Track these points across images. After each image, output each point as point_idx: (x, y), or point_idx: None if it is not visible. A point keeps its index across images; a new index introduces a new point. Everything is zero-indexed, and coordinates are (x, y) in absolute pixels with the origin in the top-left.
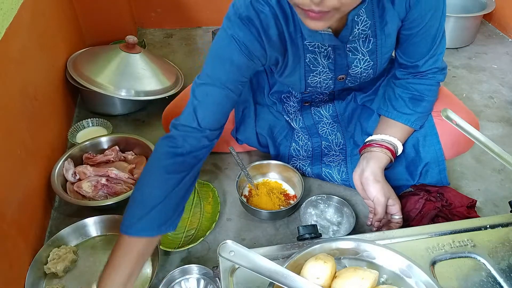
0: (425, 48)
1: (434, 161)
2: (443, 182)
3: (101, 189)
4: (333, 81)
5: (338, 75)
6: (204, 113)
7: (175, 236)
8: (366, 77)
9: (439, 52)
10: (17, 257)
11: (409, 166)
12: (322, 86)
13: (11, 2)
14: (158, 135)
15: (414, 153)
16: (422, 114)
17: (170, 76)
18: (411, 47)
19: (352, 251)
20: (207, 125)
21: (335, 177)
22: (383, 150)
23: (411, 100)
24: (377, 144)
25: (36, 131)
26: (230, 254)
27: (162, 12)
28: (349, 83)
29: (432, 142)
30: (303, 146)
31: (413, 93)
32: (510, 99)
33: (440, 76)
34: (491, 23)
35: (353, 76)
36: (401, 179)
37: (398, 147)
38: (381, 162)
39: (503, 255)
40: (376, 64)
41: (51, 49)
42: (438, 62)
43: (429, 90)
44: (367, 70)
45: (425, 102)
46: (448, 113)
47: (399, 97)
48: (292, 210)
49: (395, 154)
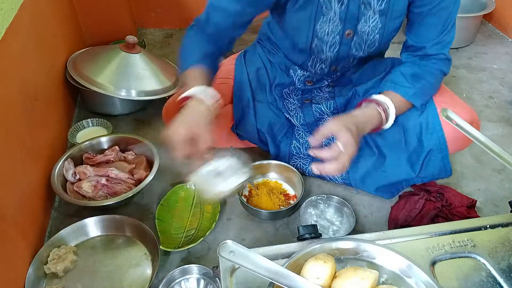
0: (435, 31)
1: (436, 148)
2: (446, 169)
3: (101, 189)
4: (340, 36)
5: (347, 29)
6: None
7: (175, 236)
8: (371, 43)
9: (447, 40)
10: (17, 257)
11: (411, 156)
12: (328, 41)
13: (11, 2)
14: (158, 135)
15: (417, 142)
16: (421, 91)
17: (170, 76)
18: (421, 28)
19: (352, 251)
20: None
21: (335, 176)
22: (371, 104)
23: (411, 76)
24: (367, 101)
25: (36, 131)
26: (230, 254)
27: (162, 12)
28: (354, 48)
29: (435, 129)
30: (304, 144)
31: (414, 70)
32: (510, 99)
33: (444, 66)
34: (491, 23)
35: (360, 36)
36: (402, 172)
37: (390, 109)
38: (367, 115)
39: (503, 255)
40: (384, 29)
41: (51, 49)
42: (445, 49)
43: (431, 73)
44: (374, 33)
45: (425, 81)
46: (448, 113)
47: (400, 73)
48: (292, 210)
49: (386, 114)
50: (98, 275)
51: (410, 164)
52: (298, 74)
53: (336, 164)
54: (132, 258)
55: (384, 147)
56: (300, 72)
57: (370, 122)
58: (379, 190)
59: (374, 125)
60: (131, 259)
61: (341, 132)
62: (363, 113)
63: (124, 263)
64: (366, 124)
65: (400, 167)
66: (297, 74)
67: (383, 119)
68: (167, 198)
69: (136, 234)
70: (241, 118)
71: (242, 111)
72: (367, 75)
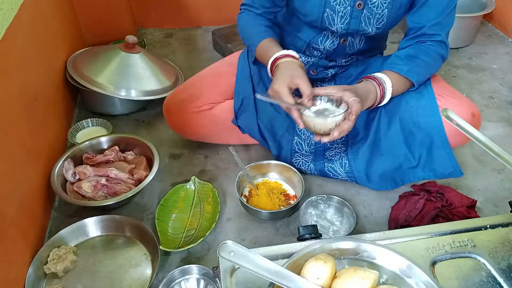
0: (435, 13)
1: (435, 133)
2: (455, 168)
3: (101, 189)
4: (352, 7)
5: (358, 0)
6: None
7: (175, 236)
8: (380, 18)
9: (446, 23)
10: (17, 257)
11: (407, 138)
12: (340, 11)
13: (11, 2)
14: (158, 135)
15: (412, 124)
16: (417, 68)
17: (170, 76)
18: (422, 9)
19: (352, 251)
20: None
21: (338, 171)
22: (369, 80)
23: (406, 56)
24: (366, 77)
25: (36, 131)
26: (230, 254)
27: (162, 12)
28: (363, 22)
29: (433, 113)
30: (306, 140)
31: (409, 52)
32: (510, 99)
33: (441, 49)
34: (491, 23)
35: (370, 8)
36: (399, 154)
37: (386, 83)
38: (366, 89)
39: (503, 255)
40: (392, 4)
41: (51, 49)
42: (442, 32)
43: (426, 53)
44: (383, 7)
45: (419, 60)
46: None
47: (395, 55)
48: (292, 210)
49: (383, 89)
50: (98, 275)
51: (407, 145)
52: (303, 61)
53: (347, 122)
54: (132, 258)
55: (378, 132)
56: (304, 59)
57: (369, 97)
58: (382, 179)
59: (372, 101)
60: (131, 259)
61: (345, 93)
62: (362, 86)
63: (124, 263)
64: (365, 98)
65: (396, 148)
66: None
67: (380, 95)
68: (167, 198)
69: (136, 234)
70: (242, 111)
71: (242, 102)
72: (369, 69)
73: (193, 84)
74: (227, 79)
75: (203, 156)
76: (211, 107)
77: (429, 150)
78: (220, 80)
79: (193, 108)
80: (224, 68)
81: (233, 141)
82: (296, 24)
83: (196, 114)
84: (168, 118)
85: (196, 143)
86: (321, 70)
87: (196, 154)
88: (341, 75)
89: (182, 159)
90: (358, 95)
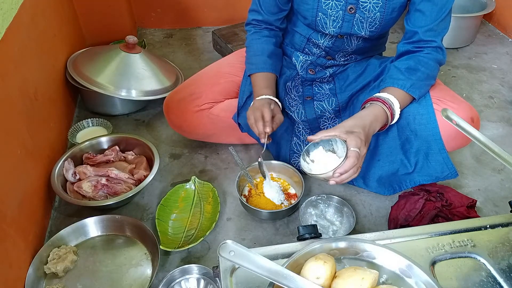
0: (429, 18)
1: (432, 140)
2: (450, 169)
3: (101, 189)
4: (343, 12)
5: (349, 4)
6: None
7: (175, 236)
8: (372, 21)
9: (441, 28)
10: (17, 257)
11: (403, 144)
12: (332, 15)
13: (11, 2)
14: (158, 135)
15: (409, 131)
16: (418, 82)
17: (170, 76)
18: (416, 13)
19: (352, 251)
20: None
21: None
22: (375, 103)
23: (406, 69)
24: (373, 100)
25: (36, 131)
26: (230, 254)
27: (162, 12)
28: (356, 26)
29: (429, 120)
30: (304, 141)
31: (409, 64)
32: (510, 99)
33: (438, 55)
34: (491, 23)
35: (362, 12)
36: (396, 160)
37: (394, 104)
38: (374, 114)
39: (503, 255)
40: (384, 8)
41: (51, 49)
42: (438, 38)
43: (424, 63)
44: (375, 11)
45: (420, 72)
46: (448, 113)
47: (395, 68)
48: (292, 210)
49: (391, 110)
50: (98, 275)
51: (404, 151)
52: (301, 60)
53: (354, 169)
54: (132, 258)
55: (376, 137)
56: (302, 58)
57: (378, 121)
58: (380, 183)
59: (382, 123)
60: (131, 259)
61: (349, 137)
62: (369, 112)
63: (124, 263)
64: (374, 123)
65: (393, 154)
66: (300, 61)
67: (389, 116)
68: (167, 198)
69: (136, 234)
70: (244, 109)
71: (245, 101)
72: (367, 72)
73: (193, 83)
74: (227, 78)
75: (203, 156)
76: (211, 106)
77: (425, 156)
78: (220, 79)
79: (193, 107)
80: (224, 68)
81: (233, 141)
82: (295, 21)
83: (196, 113)
84: (168, 116)
85: (196, 143)
86: (319, 70)
87: (196, 154)
88: (339, 76)
89: (182, 159)
90: (367, 125)
